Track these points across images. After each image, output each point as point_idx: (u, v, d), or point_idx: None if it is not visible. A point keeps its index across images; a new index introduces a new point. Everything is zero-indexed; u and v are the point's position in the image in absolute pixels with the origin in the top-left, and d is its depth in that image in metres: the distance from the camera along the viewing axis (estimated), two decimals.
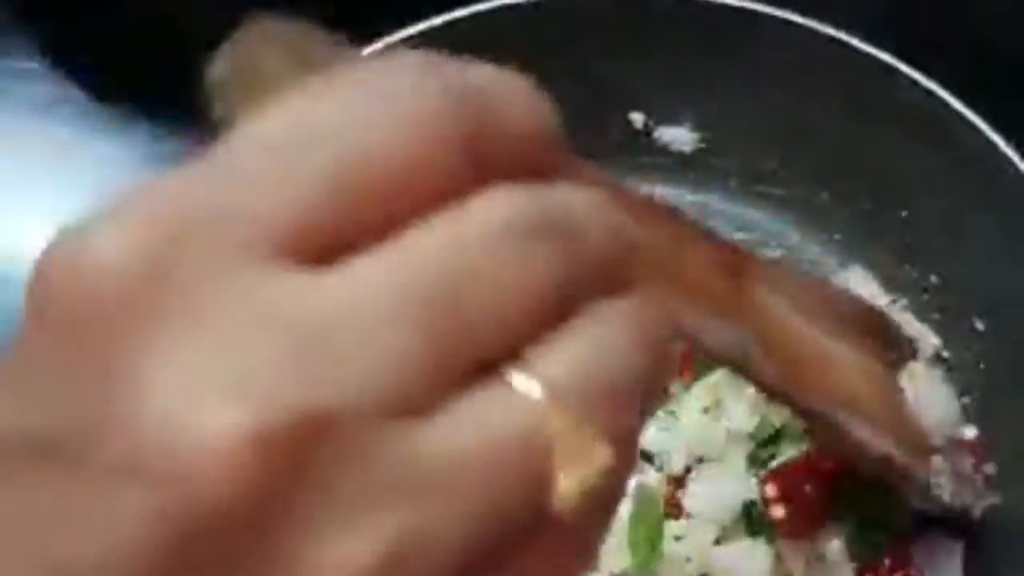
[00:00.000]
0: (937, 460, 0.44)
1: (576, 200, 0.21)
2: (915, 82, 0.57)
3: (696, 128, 0.63)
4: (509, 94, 0.21)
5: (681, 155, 0.63)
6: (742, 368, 0.31)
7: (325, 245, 0.20)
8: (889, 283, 0.61)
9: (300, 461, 0.18)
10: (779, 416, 0.50)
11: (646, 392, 0.22)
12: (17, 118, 0.66)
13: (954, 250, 0.59)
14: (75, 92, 0.66)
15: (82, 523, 0.19)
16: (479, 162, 0.21)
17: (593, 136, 0.63)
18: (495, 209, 0.20)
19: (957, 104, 0.56)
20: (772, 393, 0.34)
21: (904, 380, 0.46)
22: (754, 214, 0.63)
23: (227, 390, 0.18)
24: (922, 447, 0.40)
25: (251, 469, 0.18)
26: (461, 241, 0.20)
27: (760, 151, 0.62)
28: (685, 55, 0.60)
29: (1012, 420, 0.57)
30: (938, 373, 0.57)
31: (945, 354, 0.59)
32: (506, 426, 0.20)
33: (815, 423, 0.37)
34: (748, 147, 0.62)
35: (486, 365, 0.20)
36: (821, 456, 0.49)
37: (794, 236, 0.63)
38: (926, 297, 0.60)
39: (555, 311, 0.21)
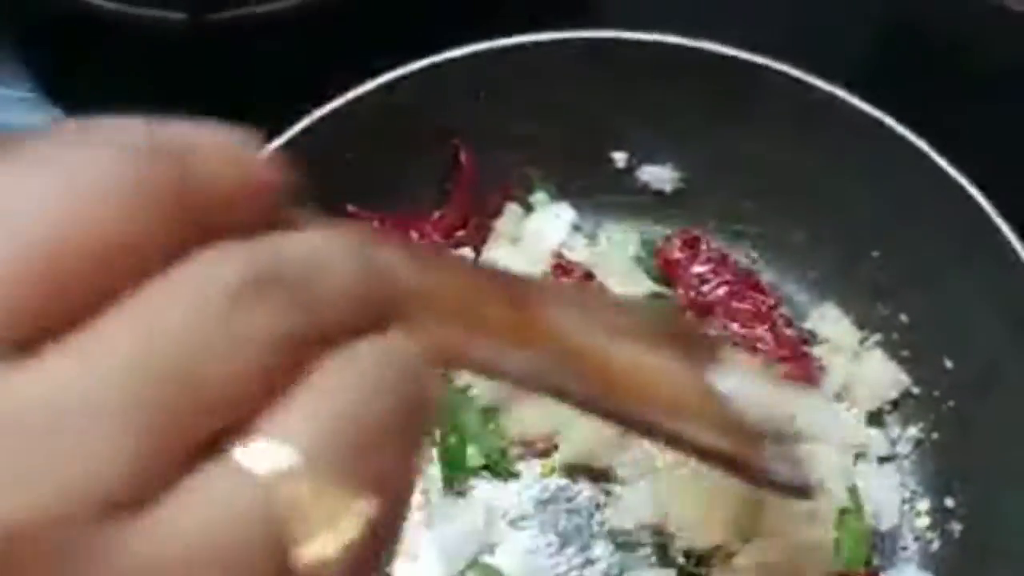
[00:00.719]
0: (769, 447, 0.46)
1: (303, 248, 0.20)
2: (887, 127, 0.58)
3: (677, 168, 0.64)
4: (213, 149, 0.20)
5: (662, 194, 0.64)
6: (557, 392, 0.31)
7: (32, 327, 0.18)
8: (861, 321, 0.62)
9: None
10: None
11: (400, 436, 0.21)
12: None
13: (924, 291, 0.60)
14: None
15: None
16: (190, 226, 0.19)
17: (577, 174, 0.64)
18: (210, 272, 0.19)
19: (928, 149, 0.57)
20: (593, 411, 0.34)
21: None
22: (731, 252, 0.64)
23: None
24: (749, 436, 0.40)
25: None
26: (176, 308, 0.19)
27: (738, 191, 0.64)
28: (667, 97, 0.61)
29: (979, 455, 0.58)
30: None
31: (915, 391, 0.61)
32: (236, 504, 0.19)
33: (641, 431, 0.37)
34: (727, 187, 0.64)
35: (218, 437, 0.19)
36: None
37: (769, 274, 0.64)
38: (896, 336, 0.61)
39: (290, 367, 0.19)
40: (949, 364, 0.59)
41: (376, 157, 0.61)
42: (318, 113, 0.58)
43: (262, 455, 0.19)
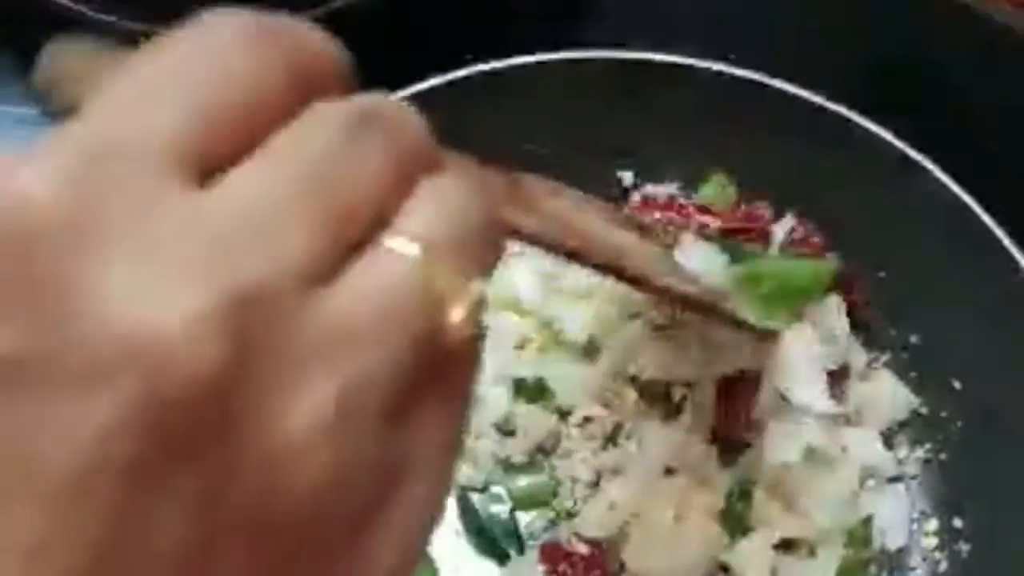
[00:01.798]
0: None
1: (384, 102, 0.26)
2: (896, 148, 0.58)
3: (683, 187, 0.64)
4: (310, 35, 0.26)
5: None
6: (553, 243, 0.39)
7: (204, 163, 0.23)
8: (871, 341, 0.62)
9: (246, 330, 0.22)
10: None
11: (492, 234, 0.26)
12: None
13: (932, 312, 0.60)
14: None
15: (58, 432, 0.20)
16: (302, 83, 0.25)
17: (584, 191, 0.64)
18: (328, 114, 0.25)
19: (937, 171, 0.58)
20: (597, 267, 0.44)
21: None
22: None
23: (171, 284, 0.21)
24: (712, 291, 0.50)
25: (209, 343, 0.21)
26: (310, 141, 0.24)
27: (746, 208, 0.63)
28: (673, 116, 0.62)
29: (987, 476, 0.58)
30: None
31: (922, 411, 0.61)
32: (394, 276, 0.24)
33: (632, 282, 0.46)
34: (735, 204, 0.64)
35: (366, 236, 0.24)
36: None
37: None
38: (905, 356, 0.61)
39: (400, 184, 0.25)
40: (957, 385, 0.59)
41: None
42: None
43: (409, 239, 0.24)
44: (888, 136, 0.59)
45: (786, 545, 0.58)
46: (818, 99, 0.60)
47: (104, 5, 0.65)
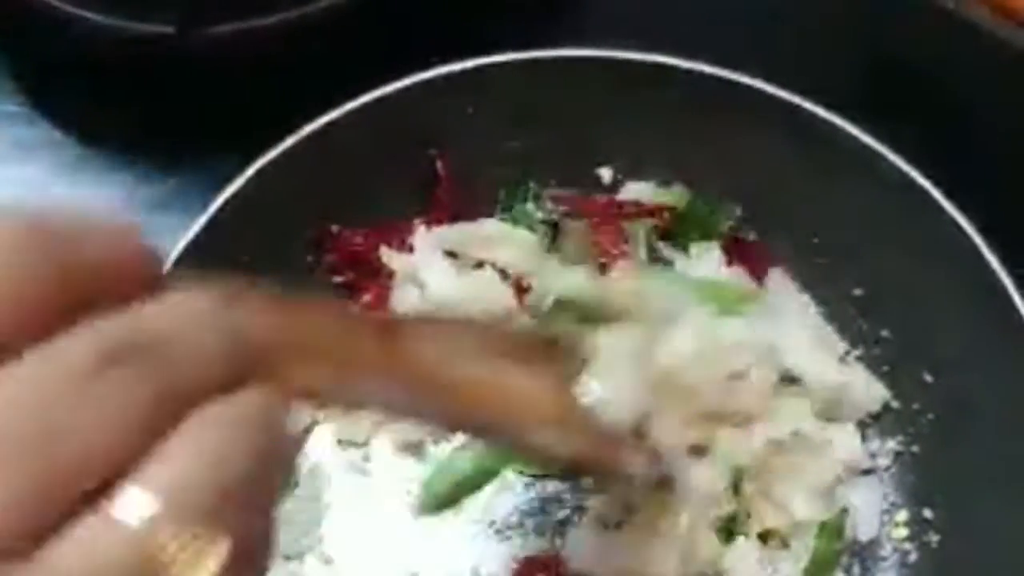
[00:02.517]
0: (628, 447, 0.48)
1: (166, 317, 0.23)
2: (872, 149, 0.59)
3: (660, 184, 0.65)
4: (90, 228, 0.23)
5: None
6: (419, 418, 0.36)
7: None
8: (844, 334, 0.63)
9: None
10: None
11: (259, 479, 0.23)
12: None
13: (904, 306, 0.61)
14: (57, 136, 0.67)
15: None
16: (68, 300, 0.22)
17: (563, 189, 0.65)
18: (81, 340, 0.21)
19: (908, 168, 0.59)
20: (456, 431, 0.41)
21: None
22: None
23: None
24: (603, 439, 0.45)
25: None
26: (48, 378, 0.21)
27: (722, 208, 0.65)
28: (652, 115, 0.62)
29: (957, 468, 0.59)
30: None
31: (894, 404, 0.62)
32: (111, 550, 0.21)
33: (503, 446, 0.44)
34: (710, 203, 0.65)
35: (98, 492, 0.21)
36: None
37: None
38: (877, 350, 0.62)
39: (154, 426, 0.22)
40: (929, 378, 0.60)
41: (362, 173, 0.62)
42: (304, 130, 0.59)
43: (133, 505, 0.21)
44: (860, 134, 0.59)
45: (760, 537, 0.59)
46: (793, 97, 0.60)
47: (90, 4, 0.66)
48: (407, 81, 0.60)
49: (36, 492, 0.20)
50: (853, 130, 0.60)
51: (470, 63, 0.60)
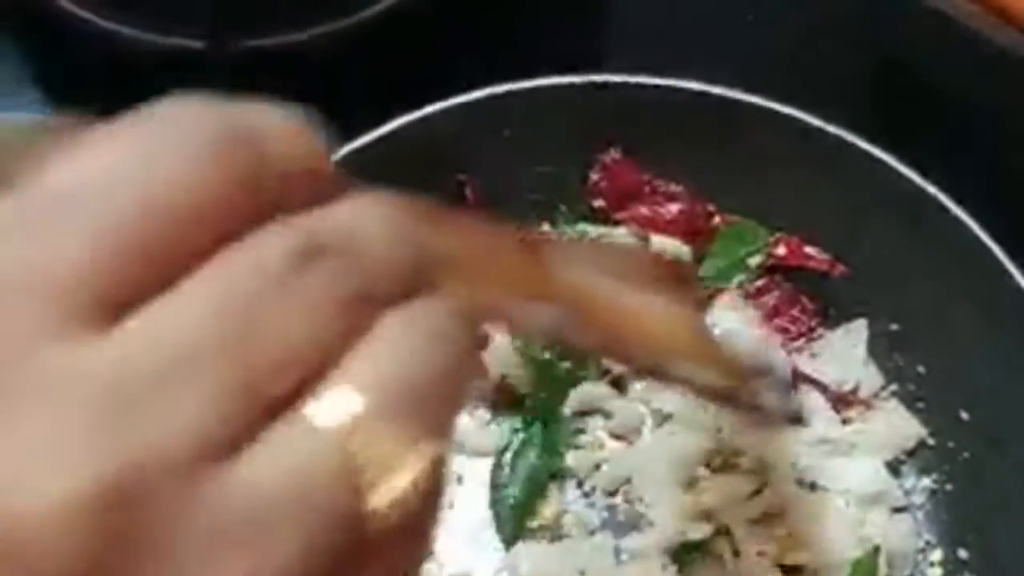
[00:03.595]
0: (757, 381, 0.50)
1: (350, 217, 0.22)
2: (908, 178, 0.59)
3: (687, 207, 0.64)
4: (277, 129, 0.22)
5: None
6: (566, 337, 0.33)
7: (114, 300, 0.20)
8: (879, 369, 0.62)
9: (125, 518, 0.19)
10: None
11: (452, 385, 0.22)
12: None
13: (940, 342, 0.60)
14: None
15: None
16: (257, 198, 0.21)
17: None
18: (272, 242, 0.21)
19: (948, 200, 0.58)
20: (602, 354, 0.40)
21: None
22: None
23: (41, 467, 0.18)
24: (736, 371, 0.44)
25: (78, 538, 0.18)
26: (242, 278, 0.21)
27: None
28: (676, 140, 0.62)
29: (992, 507, 0.58)
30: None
31: (929, 441, 0.61)
32: (314, 452, 0.20)
33: (642, 371, 0.44)
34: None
35: (294, 394, 0.21)
36: None
37: None
38: (912, 386, 0.61)
39: (350, 327, 0.21)
40: (965, 416, 0.59)
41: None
42: (339, 152, 0.58)
43: (332, 406, 0.21)
44: (895, 163, 0.59)
45: (789, 571, 0.58)
46: (817, 121, 0.59)
47: (112, 13, 0.65)
48: (438, 105, 0.59)
49: (238, 396, 0.20)
50: (888, 160, 0.59)
51: (501, 88, 0.60)
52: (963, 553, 0.59)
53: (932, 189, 0.58)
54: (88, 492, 0.18)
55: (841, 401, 0.61)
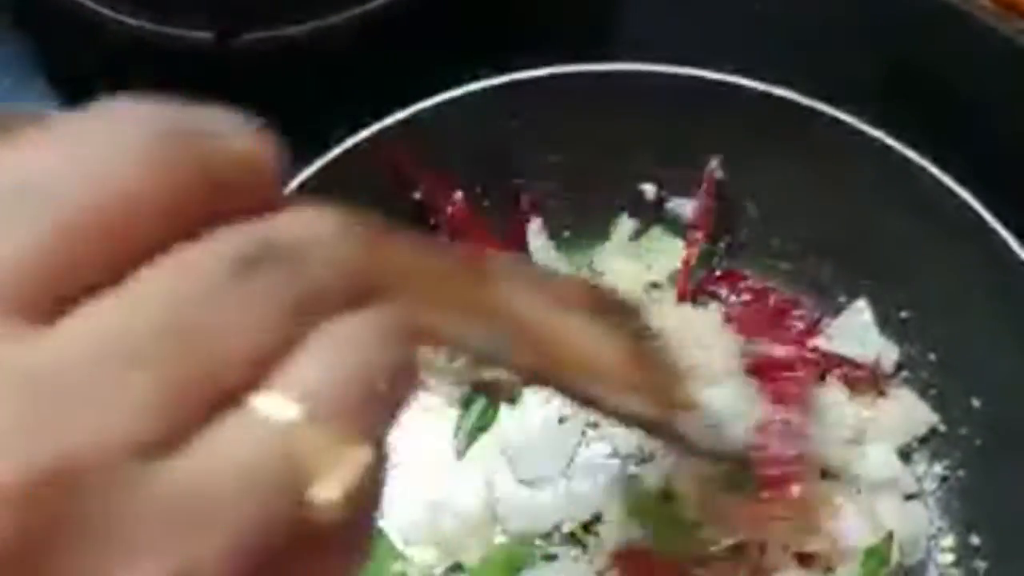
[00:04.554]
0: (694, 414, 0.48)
1: (296, 226, 0.23)
2: (920, 167, 0.59)
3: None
4: (226, 133, 0.22)
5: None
6: (502, 360, 0.34)
7: (53, 296, 0.20)
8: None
9: (57, 509, 0.19)
10: None
11: (390, 392, 0.23)
12: None
13: (952, 329, 0.61)
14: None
15: None
16: (200, 200, 0.21)
17: (606, 203, 0.64)
18: (218, 245, 0.21)
19: (959, 188, 0.58)
20: (531, 378, 0.37)
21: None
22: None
23: None
24: (676, 401, 0.44)
25: (9, 522, 0.19)
26: (185, 279, 0.21)
27: (767, 226, 0.64)
28: (695, 130, 0.62)
29: (1004, 494, 0.58)
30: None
31: (941, 428, 0.61)
32: (255, 448, 0.21)
33: (577, 398, 0.40)
34: (756, 222, 0.64)
35: (234, 393, 0.21)
36: None
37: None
38: (924, 374, 0.62)
39: (291, 332, 0.22)
40: (976, 403, 0.60)
41: (400, 188, 0.61)
42: (346, 143, 0.58)
43: (273, 406, 0.21)
44: (911, 153, 0.58)
45: (803, 559, 0.59)
46: (834, 111, 0.59)
47: (118, 4, 0.65)
48: (454, 93, 0.59)
49: (177, 392, 0.20)
50: (901, 149, 0.59)
51: (516, 76, 0.60)
52: (975, 539, 0.59)
53: (943, 176, 0.58)
54: (20, 479, 0.19)
55: (858, 384, 0.60)
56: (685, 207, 0.64)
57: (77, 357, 0.20)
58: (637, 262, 0.64)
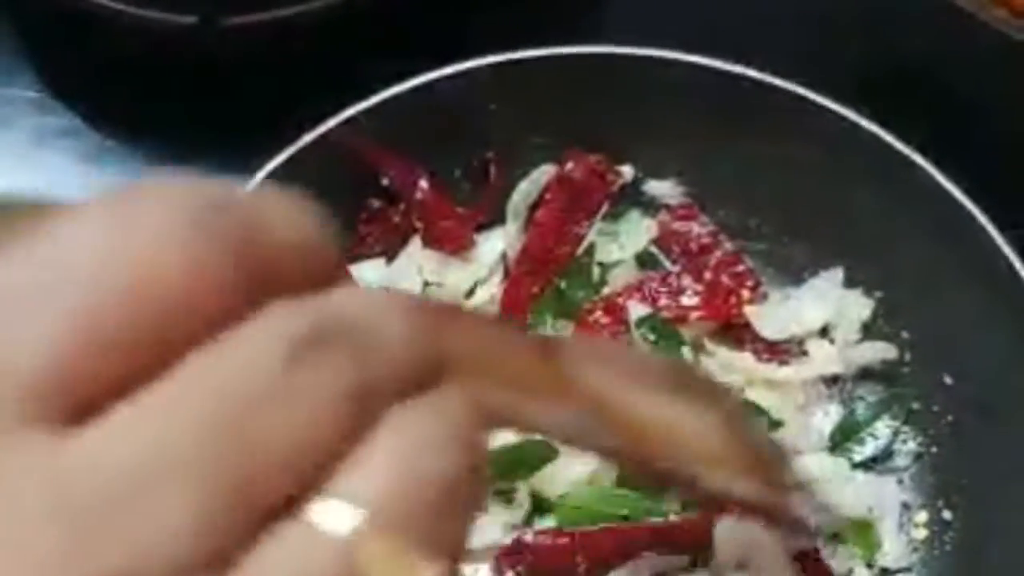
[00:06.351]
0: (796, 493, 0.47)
1: (357, 305, 0.20)
2: (889, 145, 0.59)
3: (682, 183, 0.65)
4: (273, 211, 0.20)
5: (667, 208, 0.65)
6: (587, 443, 0.31)
7: (93, 393, 0.18)
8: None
9: None
10: None
11: (465, 491, 0.20)
12: (18, 147, 0.66)
13: (924, 307, 0.61)
14: (78, 124, 0.67)
15: None
16: (250, 284, 0.19)
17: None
18: (271, 329, 0.19)
19: (930, 168, 0.59)
20: (622, 462, 0.36)
21: None
22: None
23: None
24: (782, 482, 0.40)
25: None
26: (230, 370, 0.18)
27: (742, 207, 0.65)
28: (674, 113, 0.62)
29: (977, 470, 0.59)
30: None
31: (915, 405, 0.62)
32: (313, 567, 0.18)
33: (670, 483, 0.38)
34: (731, 203, 0.65)
35: (292, 500, 0.19)
36: None
37: (772, 289, 0.65)
38: (897, 351, 0.62)
39: (354, 425, 0.19)
40: (949, 380, 0.60)
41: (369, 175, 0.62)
42: (334, 119, 0.59)
43: (336, 515, 0.19)
44: (885, 135, 0.59)
45: None
46: (813, 95, 0.60)
47: None
48: (433, 75, 0.59)
49: (223, 504, 0.18)
50: (874, 130, 0.60)
51: (495, 58, 0.60)
52: (947, 514, 0.60)
53: (918, 158, 0.59)
54: None
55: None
56: (661, 189, 0.64)
57: (112, 469, 0.17)
58: (612, 242, 0.64)
